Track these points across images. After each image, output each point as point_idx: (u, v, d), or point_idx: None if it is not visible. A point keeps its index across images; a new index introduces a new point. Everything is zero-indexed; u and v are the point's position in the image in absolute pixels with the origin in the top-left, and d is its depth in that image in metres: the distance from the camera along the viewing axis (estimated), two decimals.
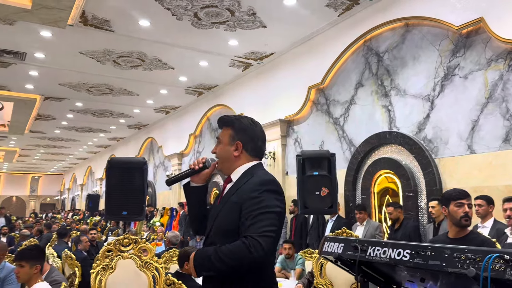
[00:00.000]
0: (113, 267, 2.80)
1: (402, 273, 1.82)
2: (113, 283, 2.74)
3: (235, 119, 1.95)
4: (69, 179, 31.98)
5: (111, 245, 2.87)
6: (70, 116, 14.17)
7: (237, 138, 1.89)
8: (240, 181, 1.84)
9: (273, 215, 1.70)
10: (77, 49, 8.14)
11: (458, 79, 5.23)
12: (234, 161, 1.89)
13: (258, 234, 1.62)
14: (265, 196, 1.71)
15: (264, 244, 1.61)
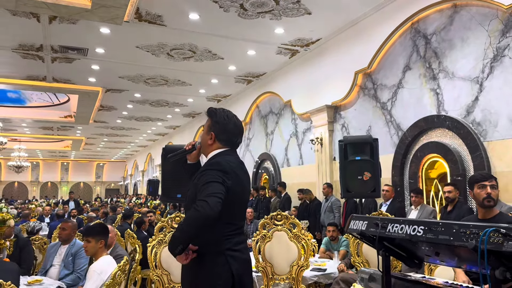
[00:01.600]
0: (166, 241, 3.16)
1: (420, 249, 1.97)
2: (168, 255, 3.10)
3: (214, 113, 2.35)
4: (131, 166, 33.80)
5: (164, 222, 3.23)
6: (130, 107, 15.03)
7: (212, 129, 2.30)
8: (206, 163, 2.25)
9: (216, 183, 2.03)
10: (133, 43, 8.68)
11: (508, 60, 5.06)
12: (208, 147, 2.31)
13: (204, 196, 1.97)
14: (209, 172, 2.09)
15: (209, 201, 1.94)
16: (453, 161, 5.68)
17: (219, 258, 2.08)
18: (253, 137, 12.40)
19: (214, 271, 2.07)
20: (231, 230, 2.18)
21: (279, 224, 3.57)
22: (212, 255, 2.09)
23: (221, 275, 2.07)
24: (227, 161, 2.21)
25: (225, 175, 2.11)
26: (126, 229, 6.30)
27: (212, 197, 1.97)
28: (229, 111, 2.43)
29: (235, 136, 2.34)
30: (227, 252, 2.10)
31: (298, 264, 3.50)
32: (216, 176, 2.07)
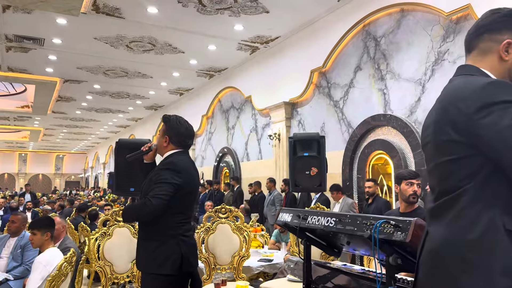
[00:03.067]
0: (110, 234, 3.26)
1: (336, 238, 2.19)
2: (110, 247, 3.21)
3: (168, 119, 2.68)
4: (92, 158, 33.09)
5: (108, 216, 3.32)
6: (90, 98, 14.75)
7: (167, 133, 2.63)
8: (160, 163, 2.59)
9: (166, 184, 2.39)
10: (91, 35, 8.57)
11: (448, 64, 5.42)
12: (163, 148, 2.65)
13: (152, 196, 2.34)
14: (163, 172, 2.44)
15: (154, 201, 2.32)
16: (397, 157, 6.03)
17: (172, 241, 2.44)
18: (215, 131, 12.50)
19: (167, 251, 2.42)
20: (182, 218, 2.53)
21: (223, 217, 3.75)
22: (166, 238, 2.43)
23: (172, 255, 2.42)
24: (180, 160, 2.55)
25: (177, 174, 2.45)
26: (80, 222, 6.30)
27: (157, 198, 2.34)
28: (182, 117, 2.73)
29: (186, 138, 2.68)
30: (179, 237, 2.46)
31: (239, 254, 3.69)
32: (168, 177, 2.41)
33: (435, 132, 1.36)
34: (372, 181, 5.70)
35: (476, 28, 1.45)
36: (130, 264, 3.20)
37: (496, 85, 1.27)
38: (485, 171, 1.24)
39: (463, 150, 1.27)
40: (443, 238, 1.29)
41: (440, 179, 1.36)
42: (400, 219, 1.65)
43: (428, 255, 1.34)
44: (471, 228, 1.23)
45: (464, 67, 1.45)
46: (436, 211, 1.36)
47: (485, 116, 1.21)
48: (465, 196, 1.27)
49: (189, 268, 2.49)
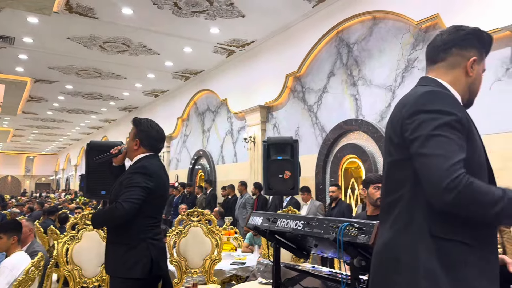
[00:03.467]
0: (79, 237, 3.22)
1: (304, 241, 2.24)
2: (79, 251, 3.17)
3: (139, 122, 2.65)
4: (64, 160, 32.32)
5: (77, 219, 3.28)
6: (61, 98, 14.44)
7: (137, 136, 2.61)
8: (131, 166, 2.59)
9: (137, 188, 2.38)
10: (64, 34, 8.41)
11: (417, 71, 5.59)
12: (133, 152, 2.62)
13: (123, 200, 2.33)
14: (134, 176, 2.42)
15: (125, 205, 2.30)
16: (368, 162, 6.17)
17: (142, 244, 2.42)
18: (190, 134, 12.45)
19: (137, 254, 2.40)
20: (153, 222, 2.52)
21: (196, 220, 3.76)
22: (136, 241, 2.42)
23: (142, 258, 2.41)
24: (151, 164, 2.54)
25: (149, 178, 2.44)
26: (49, 225, 6.16)
27: (129, 202, 2.33)
28: (153, 120, 2.71)
29: (157, 142, 2.66)
30: (149, 240, 2.45)
31: (211, 258, 3.70)
32: (139, 180, 2.40)
33: (386, 134, 1.48)
34: (335, 185, 6.03)
35: (444, 42, 1.49)
36: (99, 268, 3.17)
37: (433, 94, 1.35)
38: (416, 175, 1.29)
39: (400, 152, 1.37)
40: (384, 241, 1.38)
41: (385, 180, 1.47)
42: (364, 222, 1.70)
43: (374, 257, 1.44)
44: (404, 231, 1.32)
45: (425, 79, 1.51)
46: (382, 215, 1.47)
47: (412, 122, 1.30)
48: (401, 201, 1.34)
49: (159, 272, 2.48)
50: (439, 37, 1.52)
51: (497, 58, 4.61)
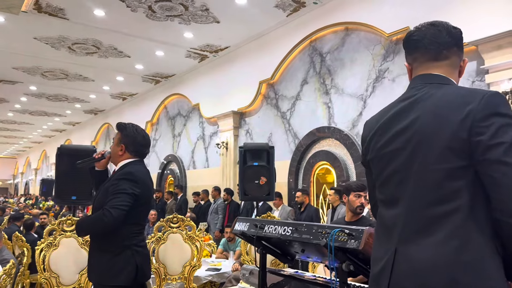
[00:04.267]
0: (56, 244, 3.14)
1: (291, 247, 2.29)
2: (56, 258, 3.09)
3: (124, 127, 2.59)
4: (23, 163, 31.07)
5: (55, 225, 3.20)
6: (24, 100, 13.93)
7: (122, 142, 2.55)
8: (116, 172, 2.52)
9: (125, 195, 2.34)
10: (31, 34, 8.15)
11: (387, 82, 5.80)
12: (118, 157, 2.56)
13: (110, 206, 2.27)
14: (121, 183, 2.37)
15: (113, 213, 2.26)
16: (339, 168, 6.32)
17: (127, 251, 2.38)
18: (160, 138, 12.30)
19: (122, 262, 2.36)
20: (138, 229, 2.50)
21: (175, 226, 3.73)
22: (121, 248, 2.38)
23: (127, 265, 2.37)
24: (137, 170, 2.50)
25: (136, 185, 2.40)
26: (14, 232, 5.92)
27: (117, 209, 2.28)
28: (138, 125, 2.66)
29: (143, 147, 2.61)
30: (133, 247, 2.41)
31: (190, 264, 3.69)
32: (126, 187, 2.36)
33: (428, 138, 1.24)
34: (300, 191, 6.22)
35: (447, 40, 1.38)
36: (77, 275, 3.09)
37: (500, 96, 1.22)
38: (476, 185, 1.16)
39: (461, 158, 1.17)
40: (430, 258, 1.17)
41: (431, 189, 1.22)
42: (353, 228, 1.77)
43: (412, 278, 1.20)
44: (464, 249, 1.14)
45: (437, 77, 1.37)
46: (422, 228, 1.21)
47: (490, 125, 1.14)
48: (457, 214, 1.16)
49: (143, 279, 2.45)
50: (442, 34, 1.38)
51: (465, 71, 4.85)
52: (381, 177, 1.39)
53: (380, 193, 1.41)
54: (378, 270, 1.31)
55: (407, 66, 1.49)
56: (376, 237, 1.43)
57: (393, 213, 1.31)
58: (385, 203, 1.38)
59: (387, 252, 1.28)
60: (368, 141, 1.46)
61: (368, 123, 1.52)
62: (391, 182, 1.34)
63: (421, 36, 1.41)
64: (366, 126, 1.52)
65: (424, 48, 1.40)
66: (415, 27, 1.45)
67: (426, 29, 1.41)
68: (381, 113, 1.49)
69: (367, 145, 1.47)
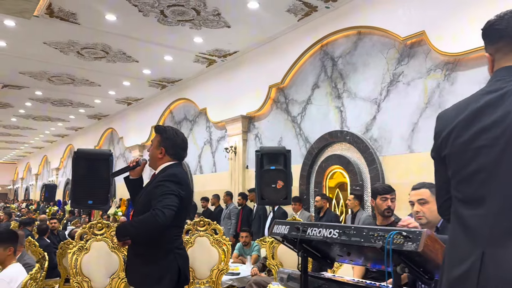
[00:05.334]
0: (87, 248, 3.11)
1: (333, 250, 2.27)
2: (88, 262, 3.06)
3: (163, 130, 2.58)
4: (23, 168, 30.95)
5: (85, 229, 3.17)
6: (28, 105, 13.90)
7: (162, 145, 2.53)
8: (157, 175, 2.51)
9: (172, 196, 2.32)
10: (40, 39, 8.14)
11: (402, 85, 5.81)
12: (158, 160, 2.55)
13: (162, 206, 2.25)
14: (167, 184, 2.36)
15: (166, 212, 2.23)
16: (353, 172, 6.31)
17: (169, 255, 2.37)
18: None
19: (165, 266, 2.34)
20: (178, 232, 2.50)
21: (202, 230, 3.71)
22: (164, 252, 2.36)
23: (170, 269, 2.35)
24: (180, 172, 2.51)
25: (180, 187, 2.40)
26: (27, 237, 5.87)
27: (168, 209, 2.26)
28: (177, 128, 2.69)
29: (182, 150, 2.60)
30: (175, 250, 2.41)
31: (218, 268, 3.67)
32: (173, 189, 2.34)
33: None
34: (320, 195, 6.14)
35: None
36: (108, 279, 3.07)
37: None
38: None
39: None
40: None
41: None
42: (411, 230, 1.76)
43: (502, 285, 1.16)
44: None
45: None
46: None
47: None
48: None
49: (186, 283, 2.43)
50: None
51: (483, 75, 4.86)
52: (460, 174, 1.32)
53: (457, 191, 1.34)
54: (461, 273, 1.25)
55: (489, 57, 1.41)
56: (452, 237, 1.36)
57: (477, 213, 1.25)
58: (464, 202, 1.31)
59: (471, 254, 1.23)
60: (446, 135, 1.37)
61: (443, 117, 1.44)
62: (473, 180, 1.27)
63: (504, 25, 1.33)
64: (441, 120, 1.44)
65: (509, 38, 1.33)
66: (496, 16, 1.37)
67: (510, 17, 1.33)
68: (459, 106, 1.40)
69: (443, 139, 1.39)
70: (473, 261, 1.22)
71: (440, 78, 5.38)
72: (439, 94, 5.38)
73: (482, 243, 1.21)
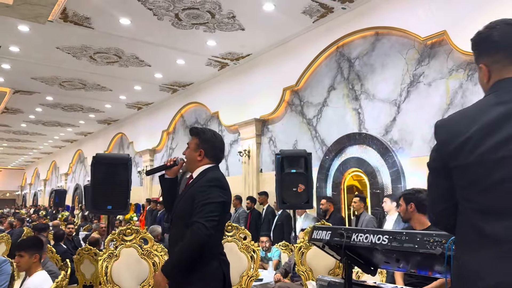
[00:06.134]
0: (117, 255, 3.05)
1: (379, 256, 2.18)
2: (117, 269, 2.99)
3: (201, 132, 2.51)
4: (31, 174, 31.05)
5: (115, 235, 3.11)
6: (39, 110, 13.93)
7: (201, 147, 2.45)
8: (197, 179, 2.41)
9: (215, 204, 2.25)
10: (53, 44, 8.13)
11: (423, 86, 5.71)
12: (196, 163, 2.46)
13: (203, 218, 2.18)
14: (210, 190, 2.27)
15: (207, 225, 2.17)
16: (373, 175, 6.21)
17: (214, 261, 2.28)
18: (177, 147, 12.22)
19: (209, 273, 2.26)
20: (221, 237, 2.45)
21: (229, 235, 3.63)
22: (208, 258, 2.27)
23: (215, 276, 2.27)
24: (222, 177, 2.42)
25: (223, 191, 2.33)
26: None
27: (210, 220, 2.20)
28: (214, 130, 2.59)
29: (221, 152, 2.54)
30: (219, 256, 2.34)
31: (248, 274, 3.58)
32: (215, 195, 2.27)
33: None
34: (325, 198, 6.17)
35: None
36: (138, 287, 2.99)
37: None
38: None
39: None
40: None
41: None
42: None
43: None
44: None
45: None
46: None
47: None
48: None
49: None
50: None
51: None
52: (479, 186, 1.29)
53: (474, 202, 1.30)
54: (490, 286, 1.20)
55: (484, 68, 1.40)
56: (469, 249, 1.30)
57: (504, 225, 1.22)
58: (484, 213, 1.27)
59: (501, 267, 1.20)
60: (459, 145, 1.33)
61: (448, 126, 1.40)
62: (500, 190, 1.24)
63: (501, 37, 1.35)
64: (446, 129, 1.40)
65: (505, 51, 1.34)
66: (486, 27, 1.38)
67: (504, 29, 1.35)
68: (467, 116, 1.37)
69: (454, 149, 1.34)
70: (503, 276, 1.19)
71: (462, 78, 5.28)
72: (462, 94, 5.27)
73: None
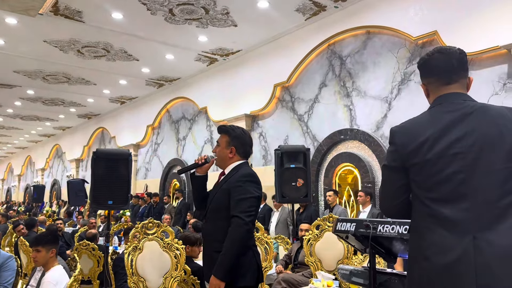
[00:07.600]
0: (141, 248, 3.11)
1: (398, 246, 2.35)
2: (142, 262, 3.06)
3: (231, 129, 2.61)
4: (4, 169, 30.17)
5: (137, 229, 3.17)
6: (18, 104, 13.58)
7: (232, 144, 2.56)
8: (230, 174, 2.53)
9: (252, 198, 2.38)
10: (41, 37, 7.98)
11: (414, 84, 5.94)
12: (228, 160, 2.58)
13: (242, 213, 2.30)
14: (246, 185, 2.39)
15: (246, 219, 2.30)
16: (364, 169, 6.42)
17: (248, 252, 2.38)
18: (162, 142, 12.17)
19: (245, 263, 2.34)
20: (253, 229, 2.51)
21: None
22: (244, 250, 2.36)
23: (250, 266, 2.36)
24: (254, 172, 2.52)
25: (257, 186, 2.46)
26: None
27: (249, 215, 2.33)
28: (241, 126, 2.70)
29: (250, 148, 2.66)
30: (253, 247, 2.44)
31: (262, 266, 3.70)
32: (251, 190, 2.39)
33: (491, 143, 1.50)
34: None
35: (462, 63, 1.66)
36: (161, 278, 3.06)
37: None
38: None
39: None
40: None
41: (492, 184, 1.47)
42: None
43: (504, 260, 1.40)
44: None
45: (466, 95, 1.65)
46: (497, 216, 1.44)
47: None
48: None
49: (262, 279, 2.48)
50: (462, 56, 1.66)
51: (496, 74, 5.03)
52: (436, 178, 1.54)
53: (431, 192, 1.55)
54: (452, 260, 1.44)
55: (423, 86, 1.75)
56: (428, 231, 1.54)
57: (460, 207, 1.48)
58: (443, 200, 1.52)
59: (459, 243, 1.44)
60: (417, 146, 1.59)
61: (405, 131, 1.67)
62: (452, 181, 1.51)
63: (434, 65, 1.67)
64: (403, 133, 1.67)
65: (437, 76, 1.67)
66: (427, 54, 1.69)
67: (437, 57, 1.66)
68: (421, 122, 1.65)
69: (413, 150, 1.60)
70: (464, 248, 1.43)
71: None
72: None
73: (470, 231, 1.45)
